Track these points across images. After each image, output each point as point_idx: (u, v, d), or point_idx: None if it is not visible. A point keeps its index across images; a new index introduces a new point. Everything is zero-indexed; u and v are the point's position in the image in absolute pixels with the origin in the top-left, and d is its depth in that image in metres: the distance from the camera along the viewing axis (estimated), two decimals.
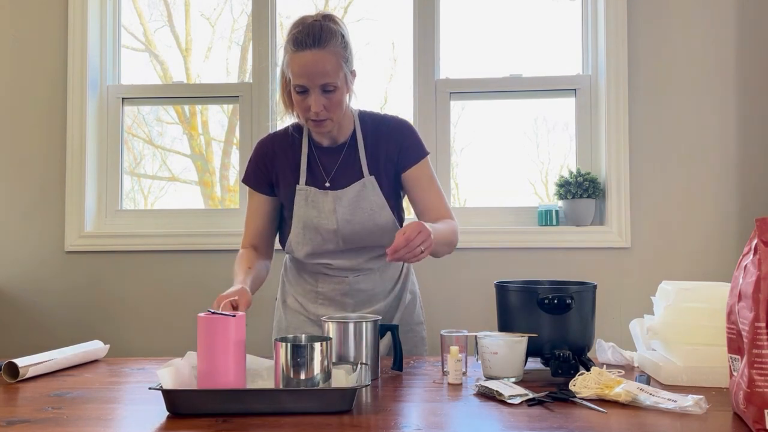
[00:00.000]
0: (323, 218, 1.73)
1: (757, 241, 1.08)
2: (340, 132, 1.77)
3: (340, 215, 1.73)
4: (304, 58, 1.61)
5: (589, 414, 1.17)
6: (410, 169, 1.77)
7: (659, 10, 2.56)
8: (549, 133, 2.76)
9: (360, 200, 1.73)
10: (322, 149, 1.79)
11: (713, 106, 2.54)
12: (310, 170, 1.77)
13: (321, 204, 1.74)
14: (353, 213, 1.73)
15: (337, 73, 1.63)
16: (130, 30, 2.89)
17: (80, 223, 2.67)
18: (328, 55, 1.62)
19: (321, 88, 1.63)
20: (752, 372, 1.04)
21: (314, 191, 1.74)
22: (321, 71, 1.61)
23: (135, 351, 2.54)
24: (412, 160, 1.77)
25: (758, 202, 2.51)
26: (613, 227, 2.54)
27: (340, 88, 1.65)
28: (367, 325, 1.46)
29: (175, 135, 2.92)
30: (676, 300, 1.44)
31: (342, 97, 1.67)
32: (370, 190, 1.74)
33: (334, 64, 1.63)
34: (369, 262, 1.80)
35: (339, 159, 1.77)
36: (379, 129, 1.79)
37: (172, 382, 1.23)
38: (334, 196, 1.73)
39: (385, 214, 1.75)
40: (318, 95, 1.63)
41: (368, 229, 1.74)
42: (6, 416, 1.19)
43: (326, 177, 1.76)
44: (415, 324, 1.90)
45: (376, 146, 1.77)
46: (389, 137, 1.78)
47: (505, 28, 2.76)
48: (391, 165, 1.78)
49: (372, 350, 1.46)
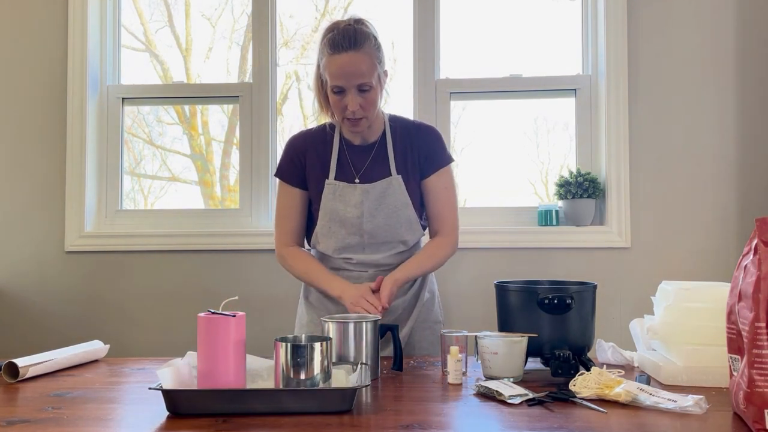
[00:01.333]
0: (349, 210, 1.79)
1: (757, 241, 1.08)
2: (371, 132, 1.85)
3: (366, 208, 1.79)
4: (341, 60, 1.69)
5: (589, 414, 1.17)
6: (431, 176, 1.85)
7: (659, 10, 2.56)
8: (549, 133, 2.76)
9: (386, 196, 1.80)
10: (352, 147, 1.86)
11: (713, 106, 2.54)
12: (340, 166, 1.84)
13: (348, 197, 1.80)
14: (378, 207, 1.80)
15: (372, 74, 1.71)
16: (131, 30, 2.89)
17: (80, 223, 2.67)
18: (364, 56, 1.70)
19: (357, 88, 1.71)
20: (752, 372, 1.04)
21: (343, 185, 1.81)
22: (357, 72, 1.69)
23: (135, 351, 2.54)
24: (434, 167, 1.85)
25: (758, 202, 2.51)
26: (613, 227, 2.54)
27: (375, 88, 1.73)
28: (367, 325, 1.46)
29: (175, 135, 2.92)
30: (676, 300, 1.44)
31: (376, 96, 1.75)
32: (396, 188, 1.81)
33: (369, 65, 1.70)
34: (389, 258, 1.84)
35: (369, 157, 1.84)
36: (408, 132, 1.87)
37: (172, 382, 1.23)
38: (363, 189, 1.80)
39: (408, 211, 1.82)
40: (354, 95, 1.71)
41: (391, 224, 1.81)
42: (6, 416, 1.19)
43: (356, 173, 1.83)
44: (432, 322, 1.93)
45: (404, 148, 1.85)
46: (417, 142, 1.85)
47: (505, 28, 2.76)
48: (416, 169, 1.85)
49: (372, 350, 1.46)
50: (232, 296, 1.55)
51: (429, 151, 1.85)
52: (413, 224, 1.83)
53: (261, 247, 2.59)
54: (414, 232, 1.85)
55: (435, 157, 1.85)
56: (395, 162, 1.83)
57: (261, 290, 2.61)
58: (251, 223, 2.72)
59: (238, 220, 2.74)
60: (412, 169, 1.84)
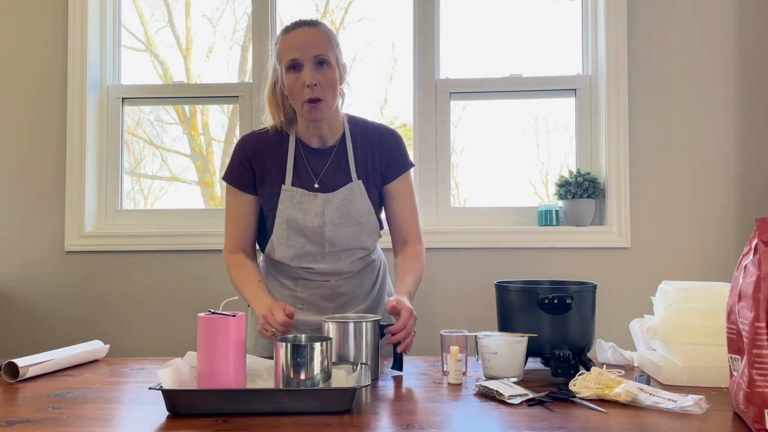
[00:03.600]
0: (309, 220, 1.71)
1: (757, 241, 1.08)
2: (330, 133, 1.76)
3: (328, 218, 1.71)
4: (296, 35, 1.67)
5: (589, 414, 1.17)
6: (394, 181, 1.78)
7: (659, 10, 2.56)
8: (549, 133, 2.76)
9: (348, 203, 1.72)
10: (310, 150, 1.76)
11: (713, 106, 2.54)
12: (296, 171, 1.74)
13: (308, 205, 1.71)
14: (341, 216, 1.72)
15: (330, 50, 1.67)
16: (131, 30, 2.89)
17: (80, 223, 2.67)
18: (320, 32, 1.68)
19: (314, 61, 1.64)
20: (752, 372, 1.04)
21: (301, 192, 1.72)
22: (313, 43, 1.65)
23: (135, 351, 2.54)
24: (397, 173, 1.79)
25: (758, 202, 2.51)
26: (613, 227, 2.54)
27: (333, 67, 1.67)
28: (367, 325, 1.46)
29: (175, 135, 2.92)
30: (676, 300, 1.44)
31: (335, 77, 1.67)
32: (357, 195, 1.73)
33: (326, 41, 1.67)
34: (351, 265, 1.77)
35: (328, 161, 1.75)
36: (368, 136, 1.79)
37: (172, 382, 1.23)
38: (324, 199, 1.71)
39: (371, 218, 1.75)
40: (311, 68, 1.64)
41: (354, 233, 1.73)
42: (6, 416, 1.19)
43: (314, 178, 1.74)
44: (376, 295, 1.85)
45: (364, 152, 1.77)
46: (379, 146, 1.78)
47: (505, 28, 2.76)
48: (377, 173, 1.77)
49: (372, 350, 1.46)
50: (232, 296, 1.55)
51: (392, 156, 1.78)
52: (375, 230, 1.77)
53: None
54: (375, 236, 1.79)
55: (399, 162, 1.78)
56: (356, 166, 1.75)
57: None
58: None
59: None
60: (373, 174, 1.76)
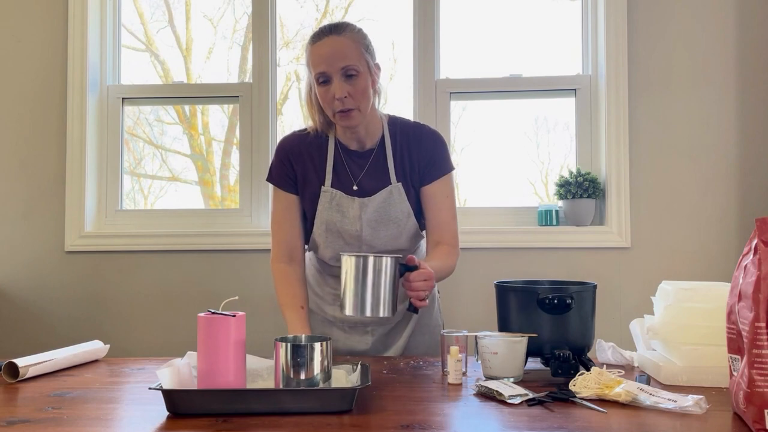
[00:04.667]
0: (347, 223, 1.71)
1: (757, 241, 1.08)
2: (368, 135, 1.74)
3: (366, 221, 1.71)
4: (322, 46, 1.63)
5: (589, 414, 1.17)
6: (433, 183, 1.75)
7: (659, 10, 2.56)
8: (549, 133, 2.76)
9: (387, 207, 1.71)
10: (349, 152, 1.75)
11: (713, 106, 2.54)
12: (336, 173, 1.74)
13: (346, 208, 1.71)
14: (379, 220, 1.71)
15: (358, 58, 1.63)
16: (131, 30, 2.89)
17: (80, 223, 2.67)
18: (346, 40, 1.63)
19: (342, 73, 1.61)
20: (752, 372, 1.04)
21: (340, 194, 1.71)
22: (339, 54, 1.61)
23: (135, 351, 2.54)
24: (436, 175, 1.75)
25: (758, 202, 2.51)
26: (613, 227, 2.54)
27: (363, 74, 1.63)
28: (387, 260, 1.41)
29: (175, 135, 2.92)
30: (676, 300, 1.44)
31: (366, 84, 1.65)
32: (396, 198, 1.72)
33: (353, 49, 1.63)
34: None
35: (367, 164, 1.74)
36: (409, 136, 1.76)
37: (172, 382, 1.23)
38: (361, 203, 1.70)
39: (411, 222, 1.74)
40: (340, 81, 1.61)
41: (392, 235, 1.73)
42: (6, 416, 1.19)
43: (353, 180, 1.73)
44: (432, 327, 1.87)
45: (404, 153, 1.74)
46: (418, 147, 1.75)
47: (505, 28, 2.76)
48: (416, 174, 1.75)
49: (391, 285, 1.42)
50: (232, 296, 1.55)
51: (431, 158, 1.74)
52: (416, 233, 1.76)
53: (261, 247, 2.59)
54: (415, 239, 1.77)
55: (438, 164, 1.74)
56: (395, 168, 1.73)
57: (261, 290, 2.61)
58: (251, 223, 2.72)
59: (238, 220, 2.74)
60: (412, 176, 1.74)
